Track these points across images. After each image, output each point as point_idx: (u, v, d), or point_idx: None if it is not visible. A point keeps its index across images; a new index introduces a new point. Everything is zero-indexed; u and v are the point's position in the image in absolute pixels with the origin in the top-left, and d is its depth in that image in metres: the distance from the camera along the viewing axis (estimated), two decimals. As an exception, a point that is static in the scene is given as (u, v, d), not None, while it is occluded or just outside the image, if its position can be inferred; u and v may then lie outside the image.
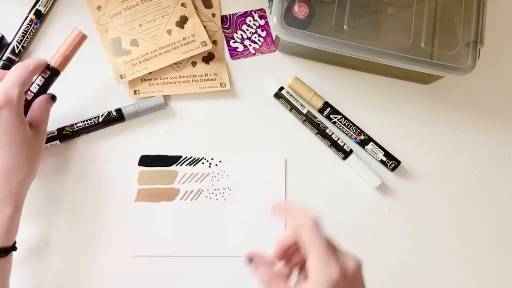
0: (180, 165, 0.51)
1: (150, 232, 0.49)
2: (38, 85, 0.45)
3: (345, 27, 0.49)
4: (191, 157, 0.51)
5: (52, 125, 0.50)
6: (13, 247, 0.42)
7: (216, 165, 0.51)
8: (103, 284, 0.48)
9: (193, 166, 0.51)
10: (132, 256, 0.48)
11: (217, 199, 0.51)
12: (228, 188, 0.51)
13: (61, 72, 0.45)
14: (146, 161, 0.50)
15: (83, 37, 0.45)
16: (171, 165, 0.51)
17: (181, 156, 0.51)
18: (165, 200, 0.50)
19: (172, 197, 0.50)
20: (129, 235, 0.49)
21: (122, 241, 0.49)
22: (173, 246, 0.49)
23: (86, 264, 0.48)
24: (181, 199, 0.50)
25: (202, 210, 0.50)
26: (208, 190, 0.51)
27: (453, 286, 0.53)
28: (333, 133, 0.53)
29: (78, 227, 0.49)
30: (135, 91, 0.51)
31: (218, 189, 0.51)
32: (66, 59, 0.45)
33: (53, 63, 0.45)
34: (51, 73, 0.44)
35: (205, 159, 0.51)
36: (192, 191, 0.50)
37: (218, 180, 0.51)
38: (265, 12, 0.56)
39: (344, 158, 0.53)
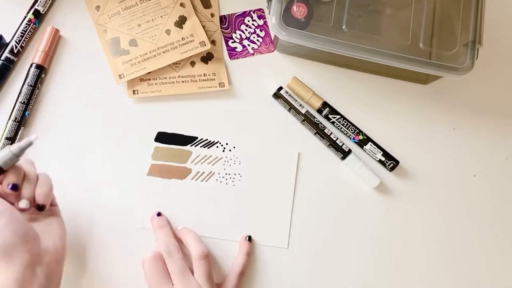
0: (195, 146, 0.51)
1: (158, 206, 0.50)
2: (30, 85, 0.49)
3: (343, 27, 0.49)
4: (207, 139, 0.52)
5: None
6: None
7: (230, 150, 0.52)
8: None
9: (208, 148, 0.51)
10: (140, 228, 0.49)
11: (227, 184, 0.51)
12: (239, 174, 0.51)
13: (45, 67, 0.50)
14: (162, 137, 0.51)
15: (56, 32, 0.50)
16: (186, 144, 0.51)
17: (196, 137, 0.52)
18: (176, 178, 0.51)
19: (184, 175, 0.51)
20: (138, 207, 0.49)
21: (131, 211, 0.49)
22: (179, 222, 0.50)
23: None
24: (192, 179, 0.51)
25: (211, 192, 0.51)
26: (219, 173, 0.51)
27: (452, 285, 0.54)
28: (331, 133, 0.53)
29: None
30: (134, 91, 0.51)
31: (229, 174, 0.51)
32: (47, 55, 0.50)
33: (37, 60, 0.49)
34: (39, 70, 0.49)
35: (220, 143, 0.52)
36: (203, 172, 0.51)
37: (230, 165, 0.52)
38: (263, 12, 0.56)
39: (343, 158, 0.53)
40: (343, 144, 0.53)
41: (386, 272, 0.52)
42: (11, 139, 0.48)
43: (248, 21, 0.55)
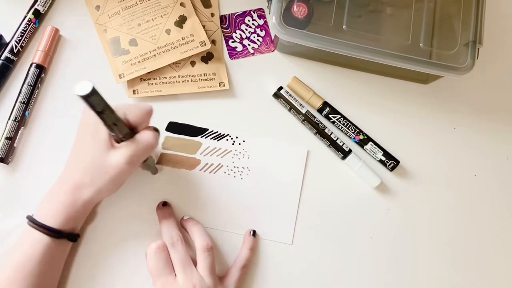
0: (205, 138, 0.52)
1: (166, 196, 0.50)
2: (30, 85, 0.49)
3: (344, 26, 0.49)
4: (217, 131, 0.52)
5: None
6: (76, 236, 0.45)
7: (240, 144, 0.52)
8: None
9: (217, 141, 0.52)
10: (146, 219, 0.49)
11: (234, 177, 0.52)
12: (247, 168, 0.52)
13: (45, 67, 0.50)
14: (173, 127, 0.52)
15: (56, 31, 0.50)
16: (196, 136, 0.52)
17: (207, 129, 0.52)
18: (185, 168, 0.51)
19: (193, 166, 0.51)
20: (145, 195, 0.50)
21: (138, 198, 0.49)
22: (185, 212, 0.50)
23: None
24: (200, 170, 0.51)
25: (219, 184, 0.51)
26: (227, 166, 0.52)
27: (452, 285, 0.54)
28: (332, 132, 0.53)
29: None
30: (134, 91, 0.51)
31: (237, 167, 0.52)
32: (47, 54, 0.50)
33: (37, 60, 0.49)
34: (39, 70, 0.49)
35: (230, 136, 0.52)
36: (212, 164, 0.51)
37: (239, 158, 0.52)
38: (264, 12, 0.56)
39: (343, 157, 0.53)
40: (344, 144, 0.53)
41: (386, 271, 0.52)
42: (11, 139, 0.48)
43: (248, 20, 0.55)
